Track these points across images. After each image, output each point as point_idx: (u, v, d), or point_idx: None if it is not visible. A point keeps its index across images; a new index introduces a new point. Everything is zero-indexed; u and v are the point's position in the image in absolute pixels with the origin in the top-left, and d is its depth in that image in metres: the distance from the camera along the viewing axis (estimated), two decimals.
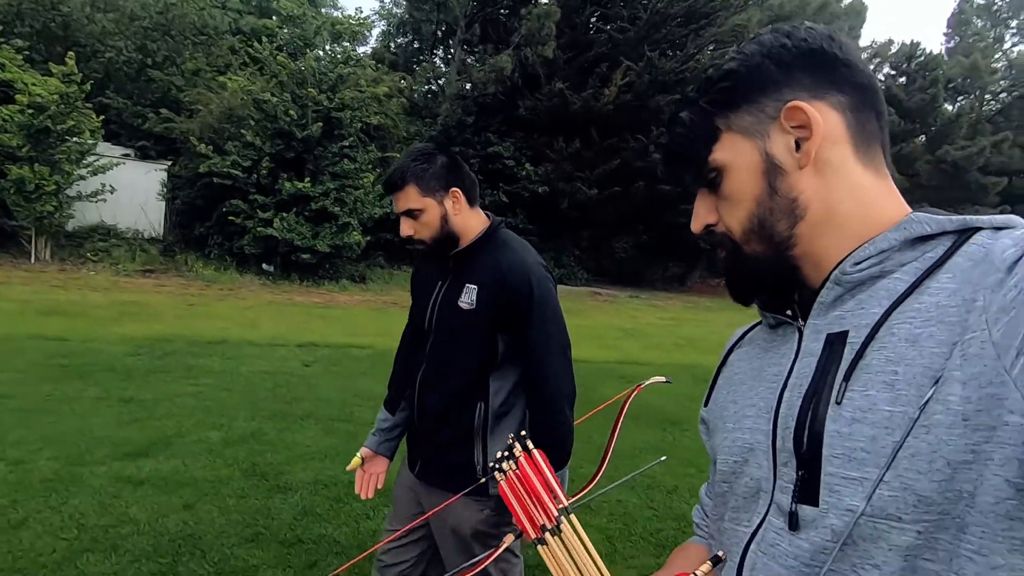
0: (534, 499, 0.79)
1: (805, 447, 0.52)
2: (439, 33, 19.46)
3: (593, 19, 17.86)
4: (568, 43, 16.94)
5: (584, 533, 0.74)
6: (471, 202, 1.56)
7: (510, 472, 0.82)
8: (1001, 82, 24.78)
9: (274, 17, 18.74)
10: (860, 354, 0.51)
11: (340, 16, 14.13)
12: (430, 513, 1.27)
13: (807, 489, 0.52)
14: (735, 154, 0.59)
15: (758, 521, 0.57)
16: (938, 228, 0.52)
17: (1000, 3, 26.58)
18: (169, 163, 14.11)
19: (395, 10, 21.44)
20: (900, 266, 0.53)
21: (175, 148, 13.76)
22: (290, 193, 11.84)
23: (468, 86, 17.25)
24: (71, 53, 11.18)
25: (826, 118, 0.56)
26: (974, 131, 22.48)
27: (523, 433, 0.92)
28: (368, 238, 12.62)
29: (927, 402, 0.46)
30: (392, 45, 20.55)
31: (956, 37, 26.82)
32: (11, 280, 9.53)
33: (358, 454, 1.72)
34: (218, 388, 5.01)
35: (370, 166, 12.85)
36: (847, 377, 0.51)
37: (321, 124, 11.77)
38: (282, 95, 11.78)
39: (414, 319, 1.66)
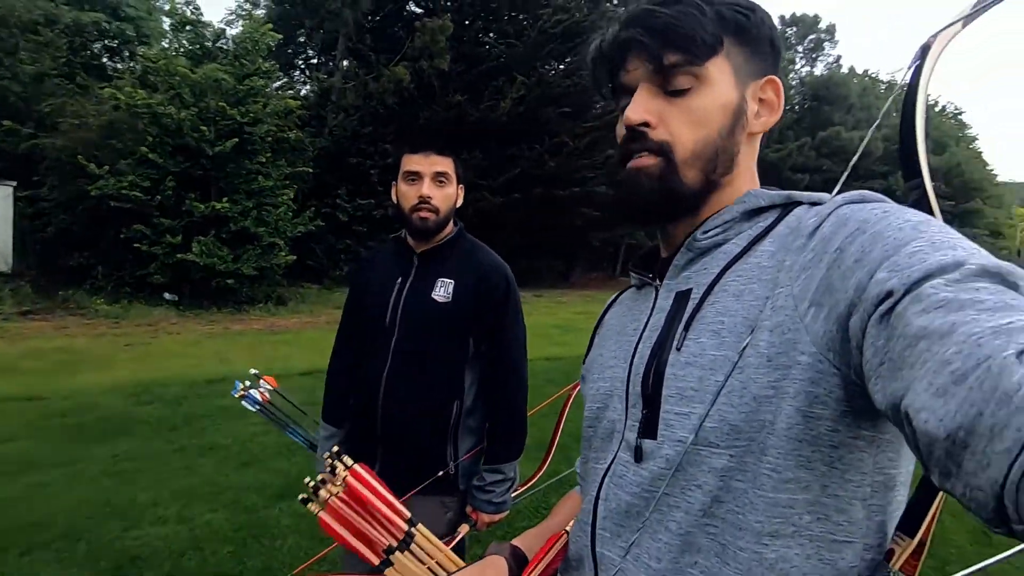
0: (375, 518, 0.73)
1: (650, 389, 0.58)
2: (316, 40, 18.74)
3: (484, 35, 18.62)
4: (461, 56, 17.49)
5: (434, 537, 0.72)
6: None
7: (333, 498, 0.73)
8: (796, 96, 30.45)
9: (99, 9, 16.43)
10: (698, 307, 0.58)
11: (188, 12, 12.90)
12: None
13: (649, 425, 0.58)
14: (722, 79, 0.60)
15: (611, 458, 0.63)
16: (769, 201, 0.61)
17: (789, 32, 32.71)
18: (14, 184, 12.01)
19: (256, 11, 20.12)
20: (738, 234, 0.60)
21: (29, 166, 11.74)
22: (203, 214, 10.90)
23: (357, 96, 16.93)
24: None
25: None
26: (782, 136, 27.38)
27: (335, 449, 0.96)
28: (293, 257, 12.05)
29: (744, 348, 0.52)
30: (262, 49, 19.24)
31: None
32: None
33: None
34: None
35: (286, 182, 12.25)
36: (686, 327, 0.57)
37: (235, 140, 11.00)
38: (187, 109, 10.77)
39: (367, 317, 1.57)
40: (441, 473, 1.48)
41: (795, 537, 0.51)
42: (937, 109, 35.46)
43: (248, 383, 1.75)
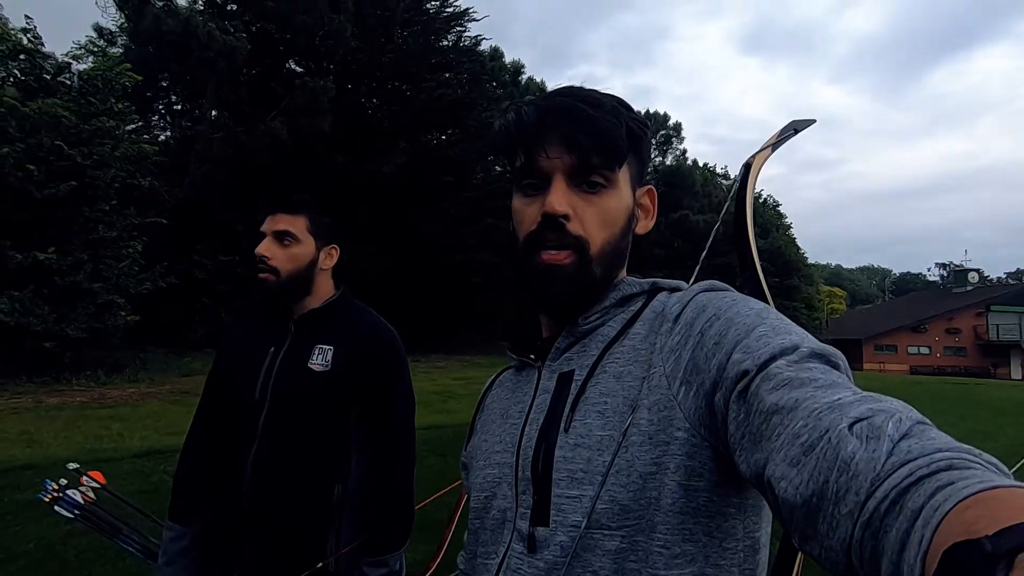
0: None
1: (540, 473, 0.59)
2: (183, 86, 17.55)
3: (367, 99, 18.72)
4: (344, 118, 17.34)
5: None
6: (334, 269, 1.48)
7: None
8: (651, 181, 34.17)
9: None
10: (582, 389, 0.61)
11: (25, 40, 11.48)
12: None
13: (540, 511, 0.58)
14: (624, 185, 0.65)
15: (503, 550, 0.61)
16: (639, 289, 0.67)
17: None
18: None
19: (112, 49, 18.51)
20: (613, 318, 0.66)
21: None
22: (19, 265, 9.26)
23: (227, 147, 15.94)
24: None
25: None
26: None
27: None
28: (136, 317, 10.57)
29: (628, 427, 0.55)
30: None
31: None
32: None
33: None
34: None
35: (134, 233, 10.92)
36: (573, 407, 0.60)
37: (73, 184, 9.66)
38: (11, 144, 9.32)
39: (232, 391, 1.39)
40: (320, 565, 1.30)
41: None
42: (760, 200, 41.80)
43: (64, 482, 1.41)
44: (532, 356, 0.70)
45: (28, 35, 11.06)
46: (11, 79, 10.60)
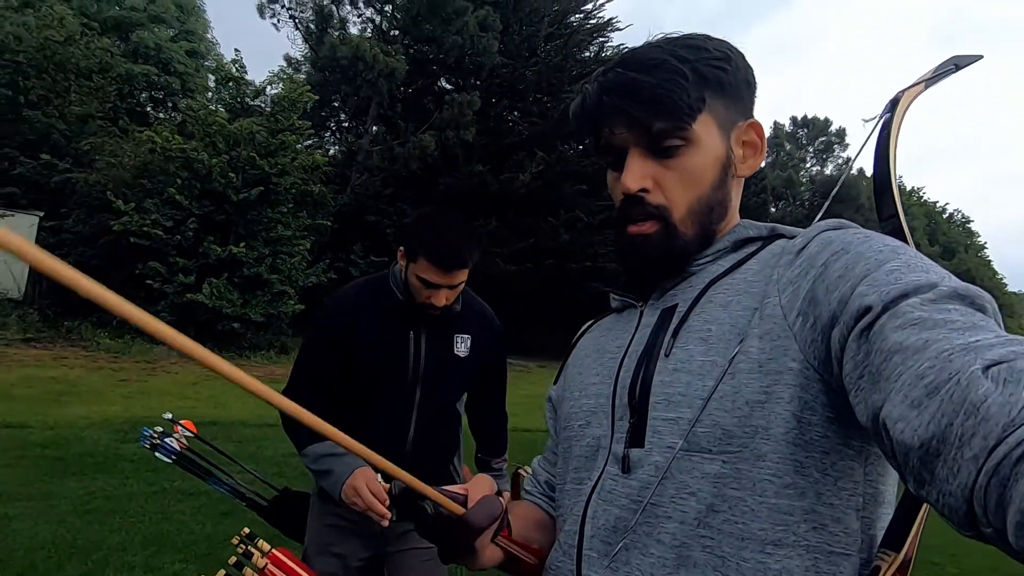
0: None
1: (637, 397, 0.58)
2: (350, 106, 19.83)
3: (509, 113, 19.59)
4: (486, 130, 18.32)
5: None
6: None
7: None
8: (805, 193, 31.31)
9: (151, 63, 17.60)
10: (685, 318, 0.59)
11: (233, 70, 13.76)
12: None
13: (636, 434, 0.57)
14: (708, 135, 0.61)
15: (598, 475, 0.61)
16: (756, 232, 0.64)
17: (800, 132, 34.15)
18: (41, 214, 12.41)
19: (296, 75, 21.50)
20: (724, 259, 0.63)
21: (59, 199, 12.18)
22: (219, 257, 11.11)
23: (383, 159, 17.68)
24: None
25: None
26: (794, 225, 27.86)
27: (246, 531, 0.99)
28: (303, 306, 12.13)
29: (735, 355, 0.53)
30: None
31: (772, 155, 33.54)
32: None
33: (380, 480, 1.40)
34: (270, 473, 4.72)
35: (304, 233, 12.55)
36: (674, 334, 0.58)
37: (261, 188, 11.39)
38: (218, 156, 11.26)
39: (377, 367, 1.51)
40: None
41: (795, 547, 0.49)
42: (945, 215, 36.23)
43: (159, 430, 1.60)
44: (633, 296, 0.69)
45: (236, 65, 13.29)
46: (221, 102, 12.79)
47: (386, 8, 19.70)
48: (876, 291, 0.44)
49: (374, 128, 18.64)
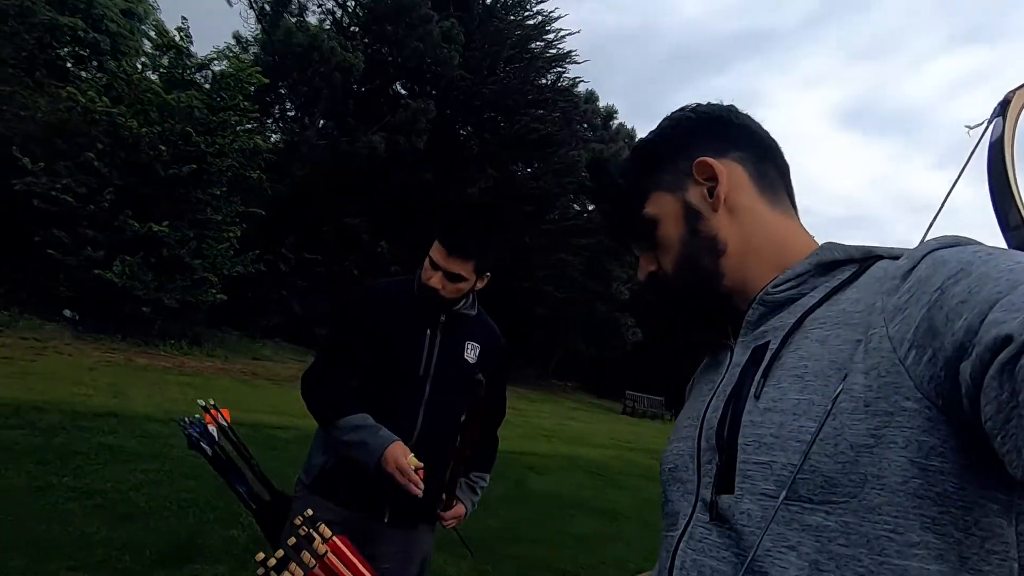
0: None
1: (725, 440, 0.55)
2: (298, 94, 19.03)
3: (462, 126, 19.55)
4: (438, 139, 18.16)
5: None
6: None
7: (315, 568, 0.74)
8: None
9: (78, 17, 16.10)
10: (776, 355, 0.55)
11: (177, 38, 12.87)
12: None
13: (724, 478, 0.54)
14: (661, 207, 0.67)
15: (685, 522, 0.59)
16: (845, 255, 0.59)
17: None
18: None
19: (243, 55, 20.42)
20: (813, 288, 0.59)
21: None
22: (136, 233, 10.17)
23: (329, 154, 17.05)
24: None
25: (730, 169, 0.65)
26: None
27: (309, 513, 1.00)
28: (224, 297, 11.30)
29: (838, 394, 0.47)
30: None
31: None
32: None
33: (411, 456, 1.48)
34: (177, 475, 4.25)
35: (236, 219, 11.78)
36: (765, 374, 0.54)
37: (194, 167, 10.60)
38: (150, 127, 10.38)
39: (394, 358, 1.59)
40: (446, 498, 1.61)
41: None
42: None
43: (191, 418, 1.53)
44: (722, 335, 0.67)
45: (182, 33, 12.41)
46: (159, 71, 11.87)
47: (348, 3, 19.23)
48: (1016, 316, 0.38)
49: (322, 122, 17.98)
